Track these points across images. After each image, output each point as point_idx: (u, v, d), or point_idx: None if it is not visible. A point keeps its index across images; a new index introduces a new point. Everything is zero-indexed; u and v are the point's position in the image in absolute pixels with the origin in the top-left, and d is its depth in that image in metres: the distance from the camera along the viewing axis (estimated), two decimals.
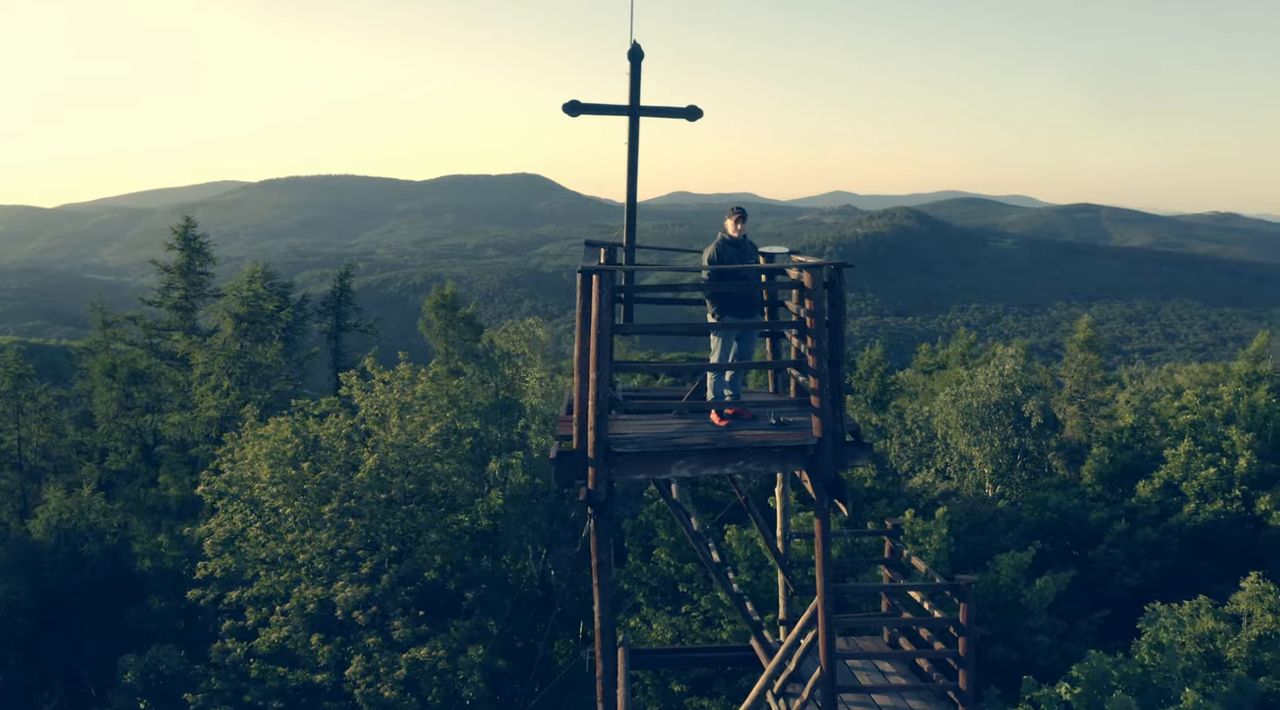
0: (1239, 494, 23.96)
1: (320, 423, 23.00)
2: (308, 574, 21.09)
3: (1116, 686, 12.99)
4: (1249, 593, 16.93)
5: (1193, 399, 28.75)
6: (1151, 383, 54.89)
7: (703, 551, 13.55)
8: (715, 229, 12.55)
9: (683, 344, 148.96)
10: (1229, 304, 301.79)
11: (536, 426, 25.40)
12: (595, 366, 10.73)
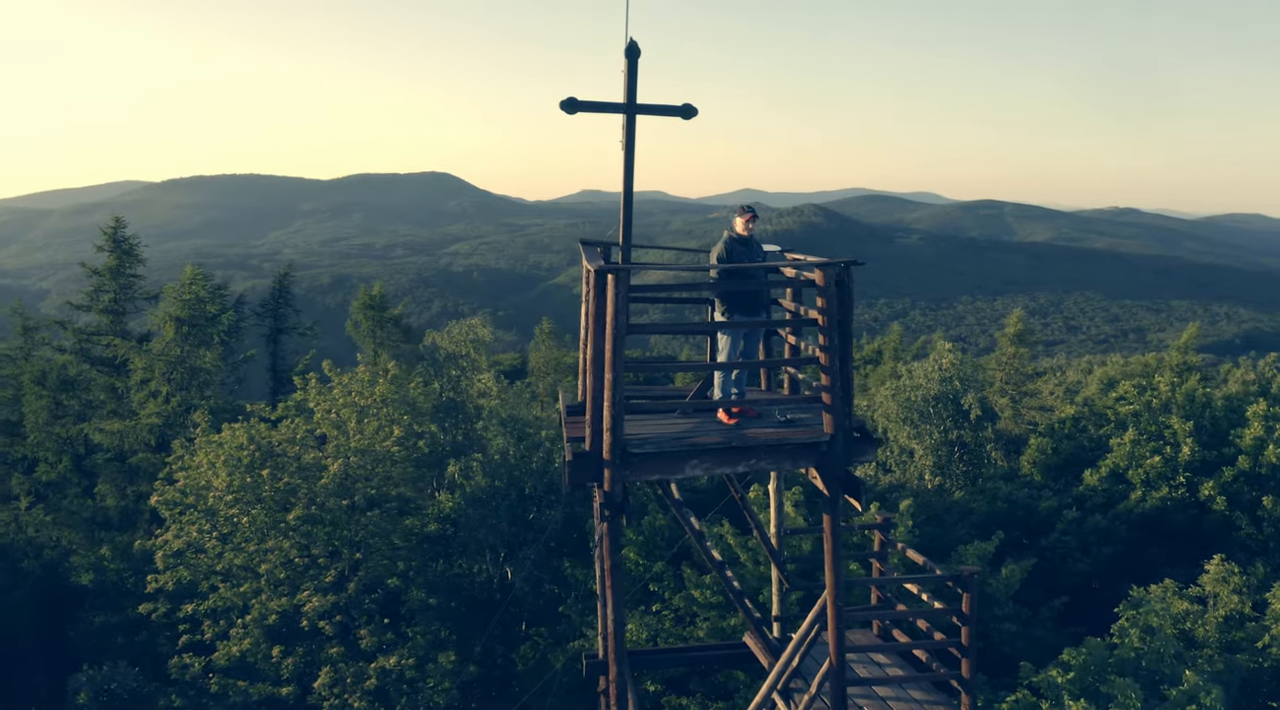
0: (1183, 481, 24.74)
1: (274, 428, 22.43)
2: (268, 584, 20.55)
3: (1110, 671, 13.29)
4: (1213, 575, 17.47)
5: (1130, 390, 29.57)
6: (1074, 374, 56.56)
7: (704, 551, 13.50)
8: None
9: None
10: (1129, 296, 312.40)
11: (495, 428, 25.08)
12: (611, 367, 10.59)
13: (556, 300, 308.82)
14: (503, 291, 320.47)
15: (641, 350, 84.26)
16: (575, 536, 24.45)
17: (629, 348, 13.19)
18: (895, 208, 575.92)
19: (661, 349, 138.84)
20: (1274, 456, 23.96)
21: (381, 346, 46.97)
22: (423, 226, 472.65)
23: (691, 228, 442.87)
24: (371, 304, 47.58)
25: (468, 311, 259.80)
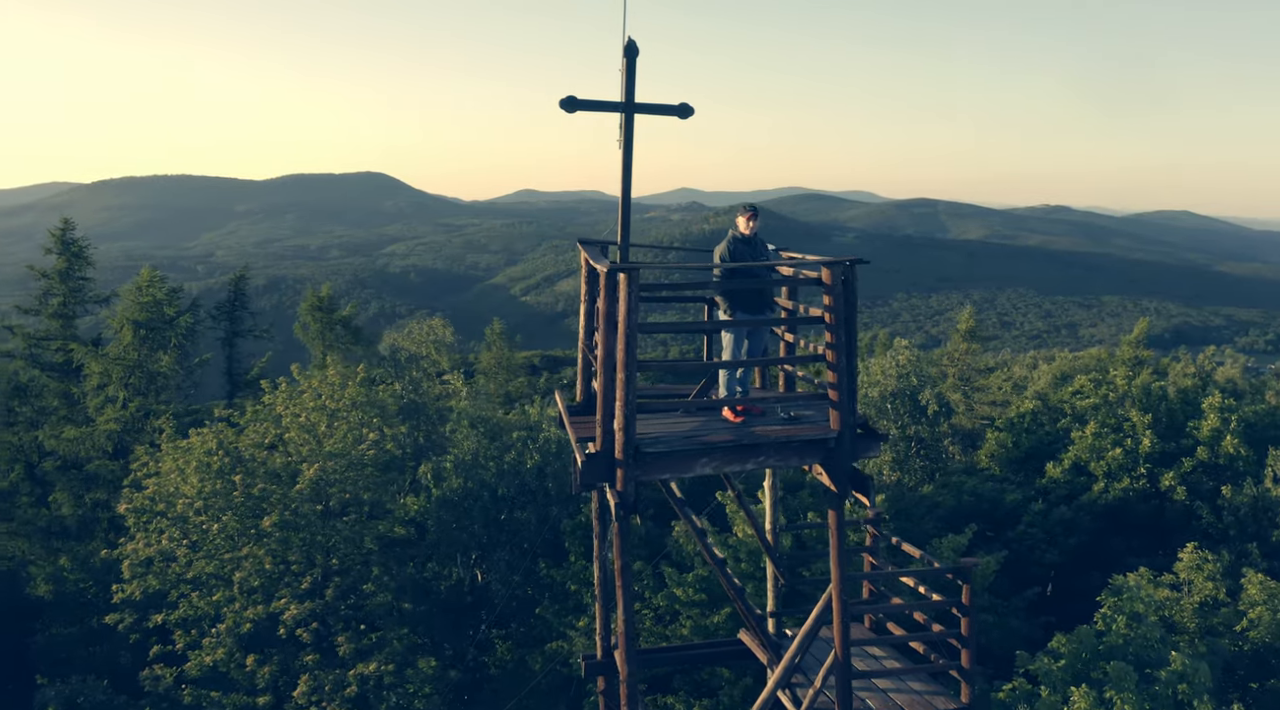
0: (1144, 472, 25.32)
1: (239, 433, 22.04)
2: (241, 592, 20.18)
3: (1099, 657, 13.57)
4: (1187, 563, 17.91)
5: (1087, 384, 30.20)
6: (1020, 369, 57.59)
7: (706, 548, 13.50)
8: (564, 226, 12.64)
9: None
10: (1060, 292, 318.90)
11: (464, 429, 24.87)
12: (625, 366, 10.56)
13: (494, 300, 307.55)
14: (440, 292, 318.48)
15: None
16: (548, 538, 24.34)
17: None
18: (831, 206, 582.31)
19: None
20: (1231, 447, 24.61)
21: (331, 349, 46.36)
22: (358, 227, 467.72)
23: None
24: (320, 305, 46.90)
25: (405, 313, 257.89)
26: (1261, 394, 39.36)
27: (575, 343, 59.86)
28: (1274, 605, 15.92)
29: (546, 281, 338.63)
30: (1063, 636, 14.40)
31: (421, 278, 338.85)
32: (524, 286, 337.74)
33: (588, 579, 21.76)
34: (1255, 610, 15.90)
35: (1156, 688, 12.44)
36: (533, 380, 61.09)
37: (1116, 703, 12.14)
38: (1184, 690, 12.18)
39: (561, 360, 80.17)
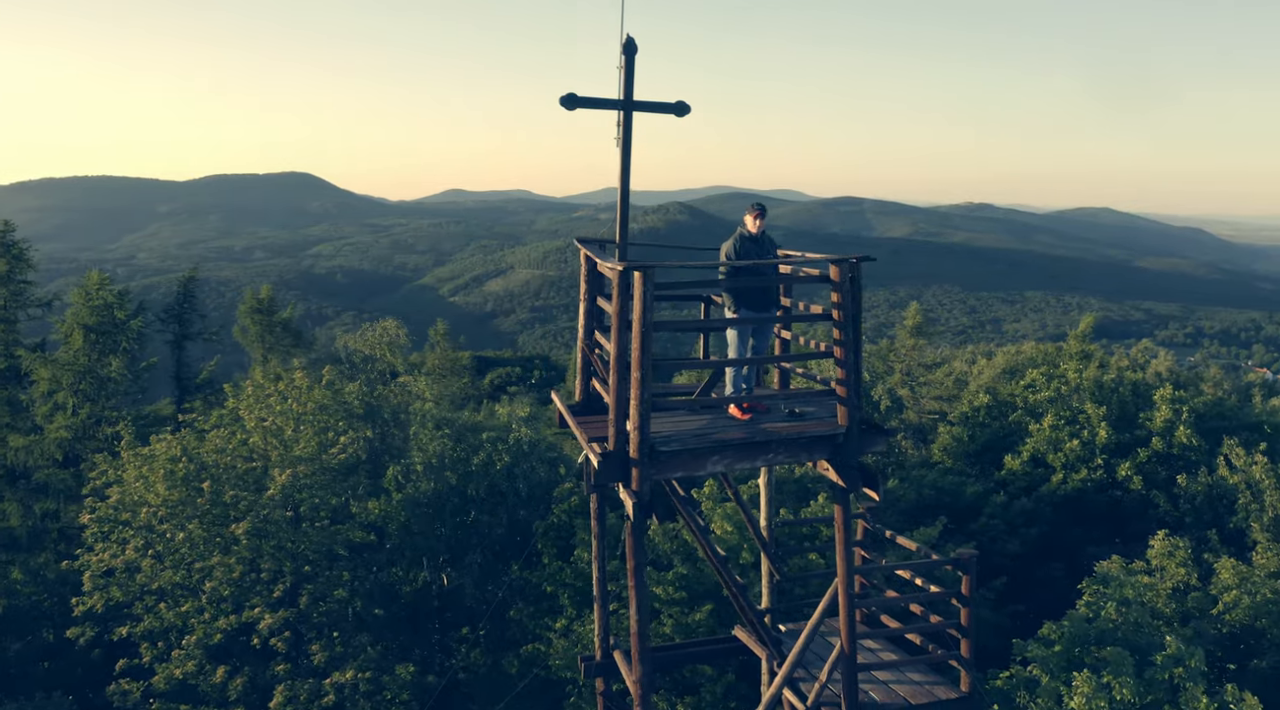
0: (1100, 463, 25.90)
1: (201, 439, 21.53)
2: (210, 603, 19.72)
3: (1091, 642, 13.86)
4: (1159, 550, 18.37)
5: (1039, 378, 30.80)
6: (960, 364, 58.51)
7: (709, 546, 13.51)
8: (492, 226, 12.67)
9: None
10: (985, 289, 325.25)
11: (429, 431, 24.56)
12: (639, 365, 10.53)
13: (423, 301, 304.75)
14: (367, 293, 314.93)
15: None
16: (518, 539, 24.16)
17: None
18: None
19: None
20: (1184, 437, 25.30)
21: (271, 351, 45.58)
22: (283, 228, 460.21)
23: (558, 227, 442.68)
24: (260, 307, 46.10)
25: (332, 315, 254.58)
26: (1198, 386, 40.47)
27: (506, 344, 60.28)
28: (1247, 589, 16.39)
29: (475, 282, 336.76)
30: (1052, 624, 14.67)
31: (348, 279, 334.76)
32: (452, 287, 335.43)
33: (564, 580, 21.66)
34: (1230, 594, 16.35)
35: (1151, 672, 12.73)
36: (476, 381, 60.68)
37: (1115, 687, 12.39)
38: (1179, 673, 12.47)
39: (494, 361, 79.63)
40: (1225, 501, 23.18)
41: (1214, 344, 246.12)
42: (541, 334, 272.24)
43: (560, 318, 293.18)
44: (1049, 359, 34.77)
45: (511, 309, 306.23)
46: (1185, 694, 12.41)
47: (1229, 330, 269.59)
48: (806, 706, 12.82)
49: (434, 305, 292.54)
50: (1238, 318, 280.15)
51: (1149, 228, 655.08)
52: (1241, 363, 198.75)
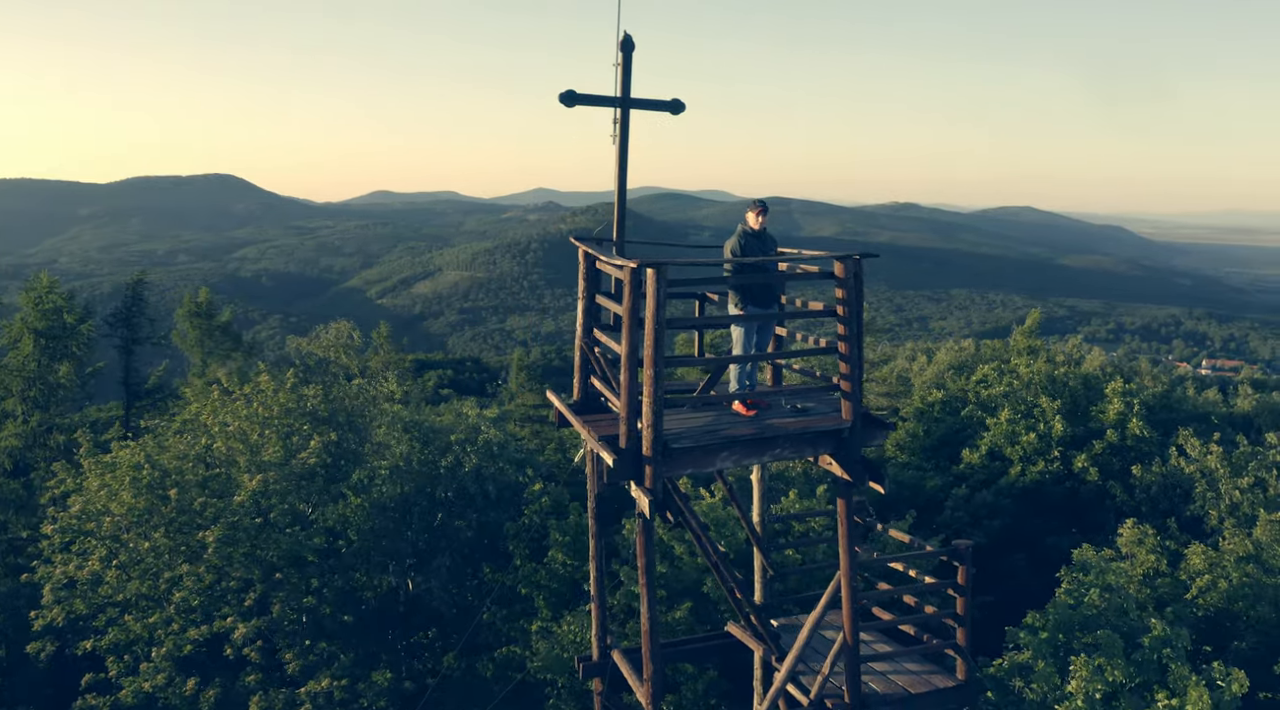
0: (1057, 455, 26.47)
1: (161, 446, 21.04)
2: (179, 613, 19.28)
3: (1076, 627, 14.19)
4: (1129, 537, 18.83)
5: (991, 373, 31.37)
6: (902, 361, 59.40)
7: (710, 544, 13.53)
8: (420, 228, 12.69)
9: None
10: (911, 287, 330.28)
11: (398, 434, 24.24)
12: (653, 363, 10.54)
13: (350, 304, 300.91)
14: (293, 296, 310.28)
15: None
16: (487, 542, 24.00)
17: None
18: (687, 205, 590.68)
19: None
20: (1137, 429, 25.97)
21: (211, 355, 44.70)
22: (207, 231, 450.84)
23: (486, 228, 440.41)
24: (198, 311, 45.16)
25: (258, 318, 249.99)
26: (1139, 380, 41.53)
27: (437, 347, 59.44)
28: (1218, 573, 16.88)
29: (403, 284, 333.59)
30: (1036, 613, 14.97)
31: (274, 282, 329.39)
32: (380, 289, 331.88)
33: (538, 581, 21.57)
34: (1202, 579, 16.83)
35: (1140, 654, 13.06)
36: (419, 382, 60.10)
37: (1108, 669, 12.70)
38: (1167, 654, 12.81)
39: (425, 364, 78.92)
40: (1180, 490, 23.82)
41: (1135, 339, 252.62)
42: (471, 336, 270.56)
43: (489, 320, 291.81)
44: (997, 354, 35.38)
45: (440, 311, 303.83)
46: (1172, 674, 12.75)
47: (1149, 326, 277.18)
48: (810, 700, 12.93)
49: (362, 308, 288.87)
50: (1158, 314, 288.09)
51: (1070, 226, 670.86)
52: (1162, 358, 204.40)
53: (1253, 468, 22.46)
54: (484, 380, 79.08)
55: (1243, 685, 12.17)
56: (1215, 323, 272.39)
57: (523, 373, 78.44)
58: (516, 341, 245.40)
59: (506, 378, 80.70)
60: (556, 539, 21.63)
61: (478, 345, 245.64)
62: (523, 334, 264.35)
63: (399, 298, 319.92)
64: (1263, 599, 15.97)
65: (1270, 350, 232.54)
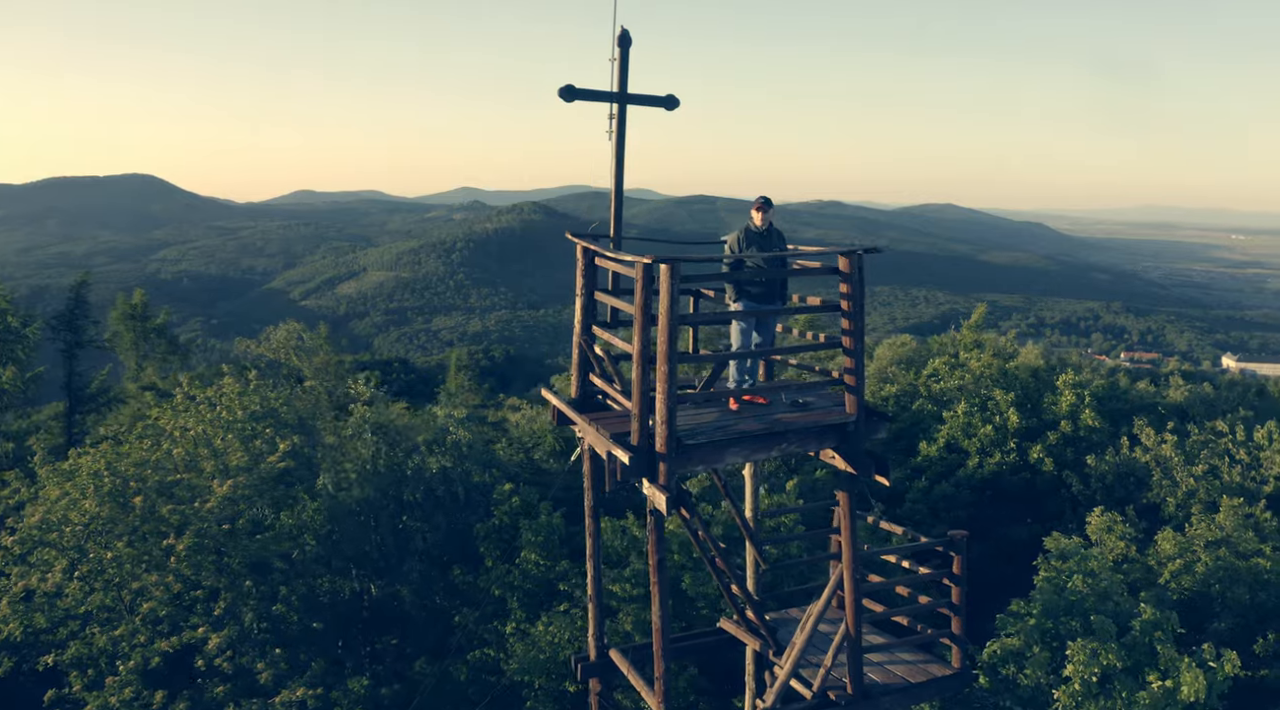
0: (1013, 447, 27.00)
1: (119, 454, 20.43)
2: (145, 625, 18.72)
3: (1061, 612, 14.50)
4: (1097, 525, 19.28)
5: (942, 367, 31.89)
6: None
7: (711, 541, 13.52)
8: (344, 228, 12.61)
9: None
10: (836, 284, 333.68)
11: (366, 436, 23.86)
12: (667, 359, 10.51)
13: (274, 306, 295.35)
14: (215, 298, 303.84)
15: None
16: (456, 544, 23.73)
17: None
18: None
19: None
20: (1090, 419, 26.58)
21: (146, 359, 43.66)
22: (126, 232, 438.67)
23: (411, 227, 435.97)
24: (133, 314, 44.08)
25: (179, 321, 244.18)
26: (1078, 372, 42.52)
27: (362, 348, 58.27)
28: (1188, 558, 17.35)
29: (327, 285, 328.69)
30: (1020, 601, 15.25)
31: (195, 284, 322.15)
32: (304, 290, 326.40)
33: (512, 583, 21.40)
34: (1173, 563, 17.29)
35: (1129, 636, 13.38)
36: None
37: (1102, 653, 12.98)
38: (1158, 637, 13.14)
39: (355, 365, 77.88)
40: (1134, 479, 24.44)
41: (1055, 333, 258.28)
42: (397, 337, 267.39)
43: (415, 320, 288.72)
44: (945, 349, 35.96)
45: (365, 312, 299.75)
46: (1162, 656, 13.07)
47: (1069, 320, 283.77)
48: (813, 691, 13.00)
49: (285, 309, 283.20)
50: (1077, 307, 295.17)
51: (992, 222, 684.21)
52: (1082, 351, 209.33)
53: (1204, 456, 23.12)
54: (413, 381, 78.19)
55: (1235, 665, 12.53)
56: (1132, 316, 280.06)
57: (461, 373, 77.97)
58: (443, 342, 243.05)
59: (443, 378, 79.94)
60: (529, 539, 21.49)
61: (403, 346, 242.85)
62: (449, 334, 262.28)
63: (323, 299, 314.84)
64: (1238, 581, 16.46)
65: (1186, 342, 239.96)
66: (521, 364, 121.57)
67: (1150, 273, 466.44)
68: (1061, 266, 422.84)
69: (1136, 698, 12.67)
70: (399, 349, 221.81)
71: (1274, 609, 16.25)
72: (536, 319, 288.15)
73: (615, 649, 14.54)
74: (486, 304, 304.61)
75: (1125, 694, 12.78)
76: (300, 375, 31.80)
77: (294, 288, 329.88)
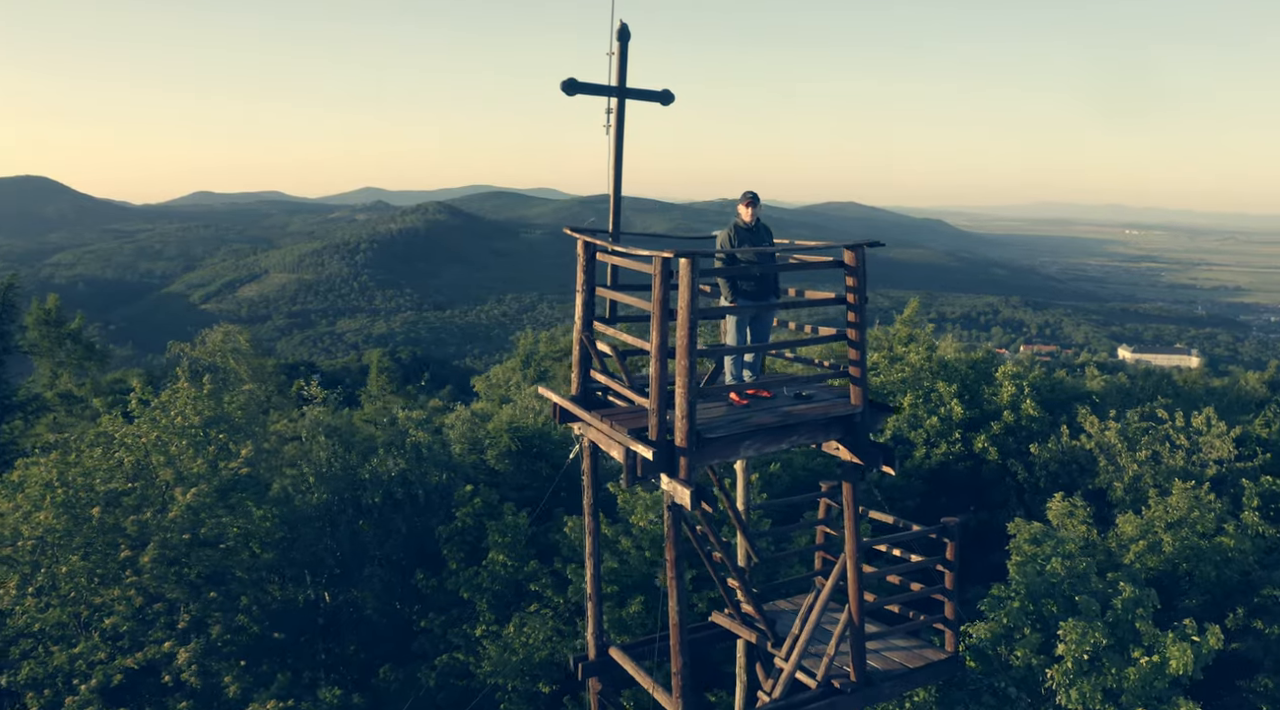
0: (958, 437, 27.63)
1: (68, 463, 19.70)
2: (105, 641, 18.08)
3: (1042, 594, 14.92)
4: (1058, 510, 19.84)
5: (881, 361, 32.45)
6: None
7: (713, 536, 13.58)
8: (245, 230, 12.57)
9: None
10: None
11: (320, 440, 23.34)
12: (686, 354, 10.54)
13: (173, 310, 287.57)
14: (112, 303, 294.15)
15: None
16: (417, 547, 23.35)
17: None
18: (518, 204, 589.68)
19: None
20: (1031, 409, 27.34)
21: (62, 366, 42.20)
22: (17, 236, 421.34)
23: (314, 228, 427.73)
24: (48, 319, 42.56)
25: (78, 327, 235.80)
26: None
27: (265, 351, 56.46)
28: (1151, 539, 17.98)
29: (228, 287, 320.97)
30: (1000, 585, 15.62)
31: (91, 288, 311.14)
32: (204, 294, 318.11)
33: (480, 585, 21.17)
34: (1137, 545, 17.90)
35: (1111, 616, 13.82)
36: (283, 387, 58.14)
37: (1090, 632, 13.38)
38: (1140, 614, 13.60)
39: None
40: (1076, 465, 25.20)
41: (956, 328, 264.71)
42: (300, 340, 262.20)
43: (319, 323, 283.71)
44: (880, 343, 36.59)
45: (268, 315, 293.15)
46: (1144, 633, 13.53)
47: (969, 315, 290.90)
48: (818, 680, 13.15)
49: (185, 314, 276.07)
50: (977, 302, 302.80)
51: (892, 220, 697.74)
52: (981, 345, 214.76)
53: (1145, 442, 23.95)
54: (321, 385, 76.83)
55: (1219, 639, 13.01)
56: (1031, 310, 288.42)
57: (383, 375, 76.77)
58: (348, 345, 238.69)
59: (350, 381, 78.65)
60: (495, 540, 21.28)
61: (308, 349, 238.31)
62: (354, 337, 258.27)
63: (224, 302, 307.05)
64: (1204, 560, 17.10)
65: (1083, 335, 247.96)
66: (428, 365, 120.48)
67: (1048, 268, 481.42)
68: (961, 262, 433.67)
69: (1126, 673, 13.10)
70: (303, 352, 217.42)
71: (1238, 585, 16.99)
72: (443, 320, 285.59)
73: (615, 647, 14.51)
74: (392, 305, 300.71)
75: (1114, 670, 13.20)
76: (240, 378, 30.98)
77: (194, 291, 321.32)
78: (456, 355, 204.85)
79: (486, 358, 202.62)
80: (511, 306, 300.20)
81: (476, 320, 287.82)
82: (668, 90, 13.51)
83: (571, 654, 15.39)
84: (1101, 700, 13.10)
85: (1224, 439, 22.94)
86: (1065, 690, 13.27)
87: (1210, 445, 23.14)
